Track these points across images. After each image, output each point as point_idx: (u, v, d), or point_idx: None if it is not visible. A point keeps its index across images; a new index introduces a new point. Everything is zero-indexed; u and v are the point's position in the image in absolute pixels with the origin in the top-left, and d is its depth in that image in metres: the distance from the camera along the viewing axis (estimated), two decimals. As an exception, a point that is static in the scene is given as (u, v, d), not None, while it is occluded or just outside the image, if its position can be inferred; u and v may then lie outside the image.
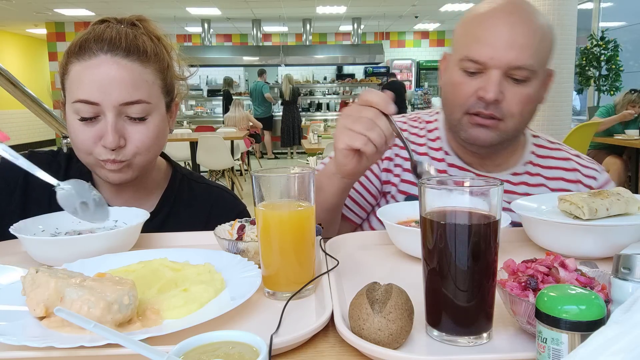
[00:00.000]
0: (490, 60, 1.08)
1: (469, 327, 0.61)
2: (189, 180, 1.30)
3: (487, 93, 1.08)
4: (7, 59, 13.52)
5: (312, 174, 0.76)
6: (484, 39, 1.09)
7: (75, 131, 1.07)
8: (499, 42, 1.07)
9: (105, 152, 1.05)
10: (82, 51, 1.05)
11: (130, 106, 1.05)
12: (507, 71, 1.08)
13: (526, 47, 1.07)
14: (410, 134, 1.33)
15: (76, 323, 0.59)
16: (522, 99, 1.10)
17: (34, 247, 0.90)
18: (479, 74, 1.11)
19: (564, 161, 1.29)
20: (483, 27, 1.11)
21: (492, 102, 1.08)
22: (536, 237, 0.96)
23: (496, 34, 1.08)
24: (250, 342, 0.53)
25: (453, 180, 0.67)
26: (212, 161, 6.96)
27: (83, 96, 1.03)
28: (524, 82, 1.09)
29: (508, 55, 1.07)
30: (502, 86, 1.08)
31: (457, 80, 1.14)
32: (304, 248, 0.77)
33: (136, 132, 1.07)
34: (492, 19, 1.10)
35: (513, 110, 1.10)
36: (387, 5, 11.11)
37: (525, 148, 1.29)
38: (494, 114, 1.10)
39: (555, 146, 1.34)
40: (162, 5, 10.58)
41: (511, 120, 1.12)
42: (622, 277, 0.59)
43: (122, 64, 1.05)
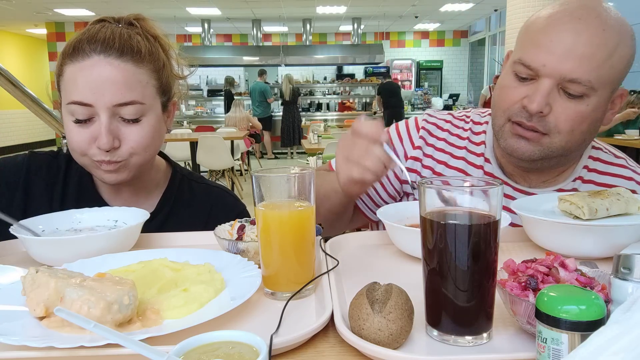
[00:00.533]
0: (542, 67, 0.98)
1: (469, 327, 0.61)
2: (189, 180, 1.29)
3: (531, 103, 0.99)
4: (7, 59, 13.52)
5: (312, 174, 0.76)
6: (542, 43, 0.99)
7: (70, 133, 1.07)
8: (556, 48, 0.97)
9: (100, 153, 1.05)
10: (76, 52, 1.05)
11: (124, 107, 1.05)
12: (560, 82, 0.98)
13: (587, 59, 0.95)
14: (451, 134, 1.25)
15: (76, 323, 0.59)
16: (573, 116, 0.99)
17: (34, 247, 0.90)
18: (531, 80, 1.02)
19: (625, 180, 1.13)
20: (544, 30, 1.00)
21: (536, 114, 0.99)
22: (536, 237, 0.96)
23: (555, 39, 0.97)
24: (250, 342, 0.53)
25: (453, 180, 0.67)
26: (212, 161, 6.96)
27: (76, 98, 1.03)
28: (579, 97, 0.98)
29: (564, 65, 0.96)
30: (551, 98, 0.99)
31: (507, 83, 1.06)
32: (304, 248, 0.77)
33: (130, 133, 1.07)
34: (556, 22, 0.99)
35: (561, 127, 1.00)
36: (387, 5, 11.12)
37: (579, 162, 1.16)
38: (537, 126, 1.01)
39: (619, 162, 1.18)
40: (162, 5, 10.58)
41: (557, 137, 1.01)
42: (622, 277, 0.59)
43: (115, 64, 1.04)
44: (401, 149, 1.24)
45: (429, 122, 1.26)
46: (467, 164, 1.21)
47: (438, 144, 1.23)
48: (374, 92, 13.49)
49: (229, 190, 1.36)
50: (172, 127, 1.27)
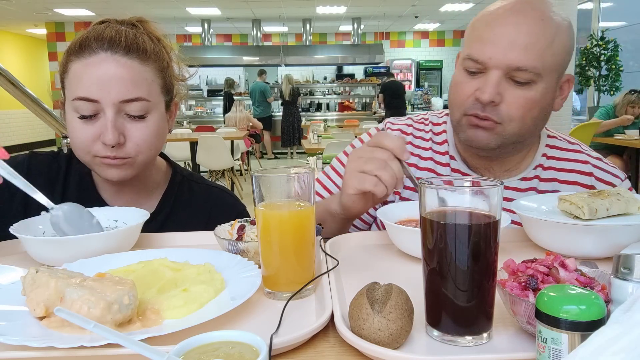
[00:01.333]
0: (489, 60, 1.04)
1: (469, 327, 0.61)
2: (189, 181, 1.29)
3: (483, 94, 1.04)
4: (7, 59, 13.52)
5: (312, 174, 0.76)
6: (486, 38, 1.05)
7: (75, 129, 1.07)
8: (500, 41, 1.03)
9: (105, 149, 1.05)
10: (82, 49, 1.05)
11: (130, 104, 1.05)
12: (508, 72, 1.04)
13: (530, 47, 1.02)
14: (415, 137, 1.29)
15: (76, 323, 0.59)
16: (523, 103, 1.05)
17: (34, 247, 0.90)
18: (480, 74, 1.07)
19: (581, 164, 1.21)
20: (488, 25, 1.07)
21: (488, 104, 1.05)
22: (536, 237, 0.96)
23: (498, 32, 1.04)
24: (250, 342, 0.53)
25: (453, 180, 0.67)
26: (212, 161, 6.96)
27: (82, 93, 1.03)
28: (527, 85, 1.04)
29: (509, 55, 1.02)
30: (501, 88, 1.04)
31: (459, 79, 1.11)
32: (304, 248, 0.77)
33: (136, 130, 1.07)
34: (498, 17, 1.07)
35: (513, 114, 1.05)
36: (387, 5, 11.11)
37: (536, 151, 1.23)
38: (491, 116, 1.06)
39: (574, 147, 1.25)
40: (162, 5, 10.58)
41: (510, 125, 1.07)
42: (622, 277, 0.59)
43: (122, 62, 1.05)
44: None
45: (392, 130, 1.31)
46: (435, 163, 1.25)
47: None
48: (374, 92, 13.49)
49: (229, 190, 1.36)
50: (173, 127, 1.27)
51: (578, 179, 1.20)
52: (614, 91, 8.07)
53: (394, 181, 0.93)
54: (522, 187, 1.20)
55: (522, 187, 1.20)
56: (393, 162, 0.93)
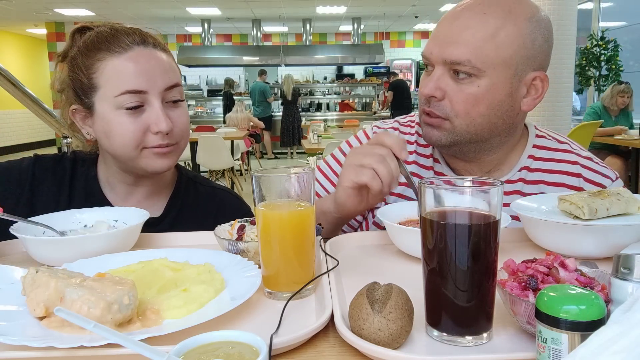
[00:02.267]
0: (430, 55, 1.06)
1: (469, 327, 0.61)
2: (194, 183, 1.29)
3: (424, 88, 1.06)
4: (7, 59, 13.52)
5: (312, 174, 0.76)
6: (432, 34, 1.08)
7: (122, 124, 1.06)
8: (439, 35, 1.05)
9: (156, 138, 1.08)
10: (114, 46, 1.07)
11: (171, 90, 1.10)
12: (449, 67, 1.03)
13: (466, 41, 1.01)
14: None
15: (76, 323, 0.59)
16: (464, 98, 1.03)
17: (34, 247, 0.90)
18: (432, 70, 1.08)
19: (570, 164, 1.17)
20: (438, 24, 1.09)
21: (430, 98, 1.06)
22: (536, 237, 0.96)
23: (439, 27, 1.06)
24: (250, 342, 0.53)
25: (453, 180, 0.67)
26: (212, 161, 6.96)
27: (130, 86, 1.05)
28: (467, 79, 1.02)
29: (445, 49, 1.02)
30: (443, 83, 1.04)
31: (421, 78, 1.13)
32: (304, 248, 0.77)
33: (177, 116, 1.12)
34: (446, 15, 1.08)
35: (457, 110, 1.04)
36: (387, 5, 11.11)
37: (522, 152, 1.18)
38: (434, 111, 1.06)
39: (563, 147, 1.20)
40: (162, 5, 10.58)
41: (457, 120, 1.05)
42: (622, 277, 0.59)
43: (155, 53, 1.10)
44: None
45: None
46: (418, 167, 1.23)
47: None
48: (374, 92, 13.49)
49: (234, 192, 1.36)
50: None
51: (565, 180, 1.16)
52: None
53: (390, 177, 0.93)
54: (505, 189, 1.16)
55: (506, 190, 1.16)
56: (391, 159, 0.94)
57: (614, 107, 5.84)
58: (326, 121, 10.73)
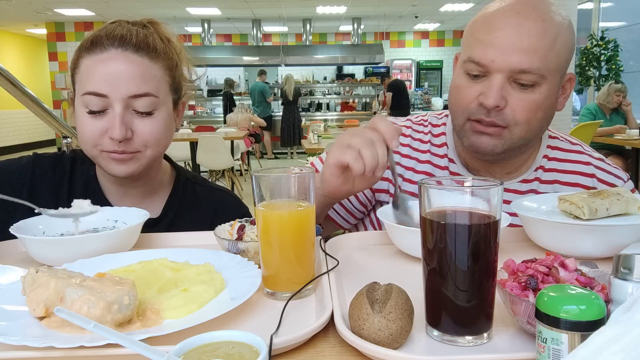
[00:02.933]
0: (492, 63, 1.02)
1: (469, 327, 0.61)
2: (193, 183, 1.29)
3: (487, 99, 1.02)
4: (7, 59, 13.52)
5: (312, 174, 0.76)
6: (488, 40, 1.03)
7: (83, 124, 1.07)
8: (502, 43, 1.01)
9: (112, 144, 1.06)
10: (93, 46, 1.07)
11: (138, 99, 1.06)
12: (511, 75, 1.02)
13: (533, 49, 1.00)
14: (414, 139, 1.27)
15: (76, 323, 0.59)
16: (528, 106, 1.03)
17: (34, 247, 0.90)
18: (482, 77, 1.05)
19: (583, 165, 1.19)
20: (488, 27, 1.04)
21: (493, 109, 1.03)
22: (536, 237, 0.96)
23: (500, 34, 1.02)
24: (250, 342, 0.53)
25: (453, 180, 0.67)
26: (212, 161, 6.96)
27: (92, 88, 1.05)
28: (531, 87, 1.02)
29: (511, 58, 1.00)
30: (505, 91, 1.03)
31: (460, 83, 1.09)
32: (304, 248, 0.77)
33: (144, 125, 1.08)
34: (498, 18, 1.04)
35: (518, 118, 1.04)
36: (387, 5, 11.11)
37: (538, 152, 1.21)
38: (496, 121, 1.04)
39: (576, 148, 1.23)
40: (162, 5, 10.58)
41: (516, 128, 1.05)
42: (622, 277, 0.59)
43: (132, 58, 1.06)
44: None
45: None
46: (433, 166, 1.23)
47: (403, 151, 1.26)
48: (374, 92, 13.48)
49: (232, 192, 1.36)
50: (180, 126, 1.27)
51: (580, 181, 1.18)
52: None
53: (374, 162, 0.90)
54: (522, 189, 1.19)
55: (522, 190, 1.19)
56: (380, 145, 0.92)
57: (609, 106, 5.85)
58: (326, 121, 10.73)
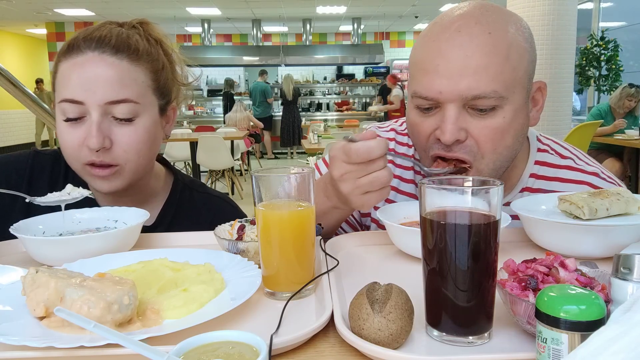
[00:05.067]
0: (440, 95, 0.89)
1: (469, 327, 0.61)
2: (191, 189, 1.26)
3: (444, 134, 0.90)
4: (7, 59, 13.52)
5: (312, 174, 0.76)
6: (429, 69, 0.90)
7: (61, 133, 1.04)
8: (446, 70, 0.88)
9: (90, 153, 1.01)
10: (70, 49, 1.03)
11: (117, 105, 1.01)
12: (465, 103, 0.89)
13: (484, 69, 0.87)
14: (397, 153, 1.18)
15: (76, 323, 0.59)
16: (492, 134, 0.91)
17: (34, 247, 0.90)
18: (435, 109, 0.93)
19: (575, 184, 1.06)
20: (427, 53, 0.91)
21: (452, 144, 0.91)
22: (536, 237, 0.96)
23: (442, 61, 0.88)
24: (250, 342, 0.53)
25: (453, 180, 0.67)
26: (212, 161, 6.96)
27: (68, 95, 1.00)
28: (491, 111, 0.90)
29: (460, 84, 0.87)
30: (463, 122, 0.90)
31: (413, 120, 0.97)
32: (304, 248, 0.77)
33: (123, 134, 1.03)
34: (438, 41, 0.91)
35: (484, 150, 0.92)
36: (387, 5, 11.11)
37: (524, 169, 1.08)
38: (460, 156, 0.92)
39: (566, 163, 1.09)
40: (162, 5, 10.58)
41: (483, 162, 0.93)
42: (622, 277, 0.59)
43: (110, 61, 1.01)
44: None
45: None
46: (416, 187, 1.13)
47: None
48: (374, 92, 13.49)
49: (230, 199, 1.32)
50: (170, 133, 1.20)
51: None
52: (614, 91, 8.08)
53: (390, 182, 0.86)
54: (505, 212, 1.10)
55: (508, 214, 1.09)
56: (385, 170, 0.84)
57: (620, 110, 5.84)
58: (326, 121, 10.74)
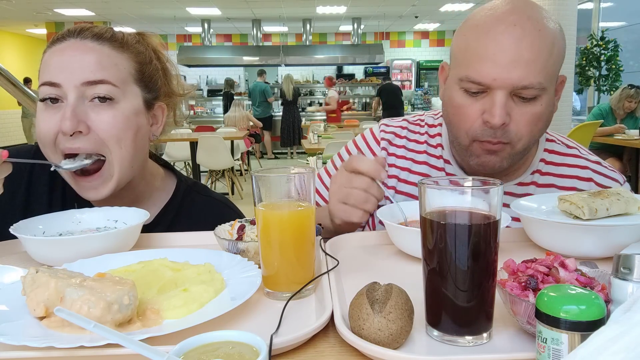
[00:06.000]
0: (493, 81, 0.98)
1: (469, 327, 0.61)
2: (192, 191, 1.25)
3: (493, 117, 0.98)
4: (7, 59, 13.52)
5: (312, 174, 0.76)
6: (486, 57, 0.98)
7: (38, 121, 1.01)
8: (502, 60, 0.97)
9: (65, 140, 0.99)
10: (54, 40, 1.04)
11: (94, 86, 0.99)
12: (512, 91, 0.99)
13: (533, 63, 0.97)
14: (409, 140, 1.26)
15: (76, 323, 0.59)
16: (531, 119, 1.01)
17: (34, 247, 0.90)
18: (482, 93, 1.01)
19: (580, 169, 1.18)
20: (483, 42, 0.99)
21: (499, 127, 1.00)
22: (536, 237, 0.96)
23: (498, 50, 0.97)
24: (250, 342, 0.53)
25: (453, 181, 0.67)
26: (212, 161, 6.96)
27: (46, 78, 1.00)
28: (533, 100, 1.00)
29: (513, 74, 0.97)
30: (509, 107, 0.99)
31: (459, 102, 1.05)
32: (304, 248, 0.77)
33: (101, 119, 0.99)
34: (492, 32, 0.99)
35: (522, 132, 1.02)
36: (387, 5, 11.11)
37: (534, 155, 1.19)
38: (502, 140, 1.02)
39: (572, 151, 1.21)
40: (162, 5, 10.58)
41: (520, 143, 1.03)
42: (622, 277, 0.59)
43: (90, 45, 1.01)
44: None
45: (387, 132, 1.28)
46: (429, 167, 1.22)
47: (399, 152, 1.26)
48: (374, 92, 13.49)
49: (231, 204, 1.30)
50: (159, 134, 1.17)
51: (577, 185, 1.17)
52: (614, 91, 8.08)
53: (375, 206, 0.99)
54: (518, 192, 1.18)
55: (519, 192, 1.17)
56: (373, 189, 0.97)
57: (620, 111, 5.83)
58: (326, 121, 10.73)
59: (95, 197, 1.05)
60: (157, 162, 1.28)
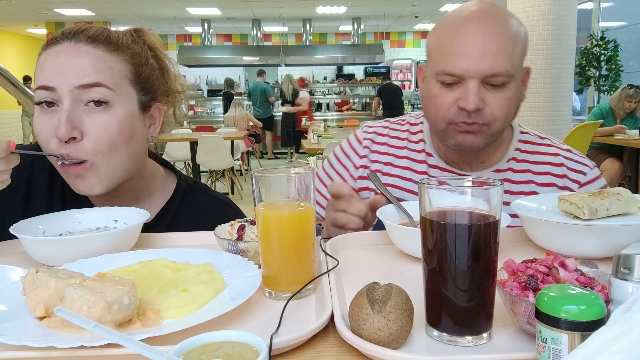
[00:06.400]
0: (466, 72, 1.10)
1: (469, 327, 0.61)
2: (193, 190, 1.25)
3: (468, 103, 1.10)
4: (7, 59, 13.52)
5: (312, 174, 0.76)
6: (457, 51, 1.11)
7: (35, 124, 1.02)
8: (472, 52, 1.09)
9: (59, 145, 0.99)
10: (49, 42, 1.04)
11: (88, 90, 0.99)
12: (484, 79, 1.10)
13: (499, 53, 1.09)
14: (390, 137, 1.38)
15: (76, 323, 0.59)
16: (503, 103, 1.13)
17: (34, 247, 0.90)
18: (457, 84, 1.13)
19: (552, 156, 1.30)
20: (455, 39, 1.12)
21: (474, 111, 1.11)
22: (536, 237, 0.96)
23: (468, 45, 1.10)
24: (250, 342, 0.53)
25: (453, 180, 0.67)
26: (212, 161, 6.96)
27: (41, 82, 1.00)
28: (502, 86, 1.12)
29: (482, 64, 1.09)
30: (482, 94, 1.11)
31: (436, 92, 1.16)
32: (304, 248, 0.77)
33: (94, 124, 0.99)
34: (462, 30, 1.12)
35: (496, 115, 1.13)
36: (387, 5, 11.11)
37: (509, 145, 1.31)
38: (477, 121, 1.13)
39: (544, 141, 1.35)
40: (162, 5, 10.58)
41: (496, 123, 1.15)
42: (622, 277, 0.59)
43: (84, 49, 1.01)
44: (350, 164, 1.39)
45: (368, 133, 1.41)
46: (411, 161, 1.34)
47: (381, 149, 1.38)
48: (374, 92, 13.49)
49: (232, 203, 1.30)
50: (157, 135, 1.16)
51: (550, 170, 1.28)
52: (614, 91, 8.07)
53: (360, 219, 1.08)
54: (495, 177, 1.23)
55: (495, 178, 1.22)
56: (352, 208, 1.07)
57: (620, 111, 5.83)
58: (326, 121, 10.73)
59: (86, 189, 1.04)
60: (157, 161, 1.28)
